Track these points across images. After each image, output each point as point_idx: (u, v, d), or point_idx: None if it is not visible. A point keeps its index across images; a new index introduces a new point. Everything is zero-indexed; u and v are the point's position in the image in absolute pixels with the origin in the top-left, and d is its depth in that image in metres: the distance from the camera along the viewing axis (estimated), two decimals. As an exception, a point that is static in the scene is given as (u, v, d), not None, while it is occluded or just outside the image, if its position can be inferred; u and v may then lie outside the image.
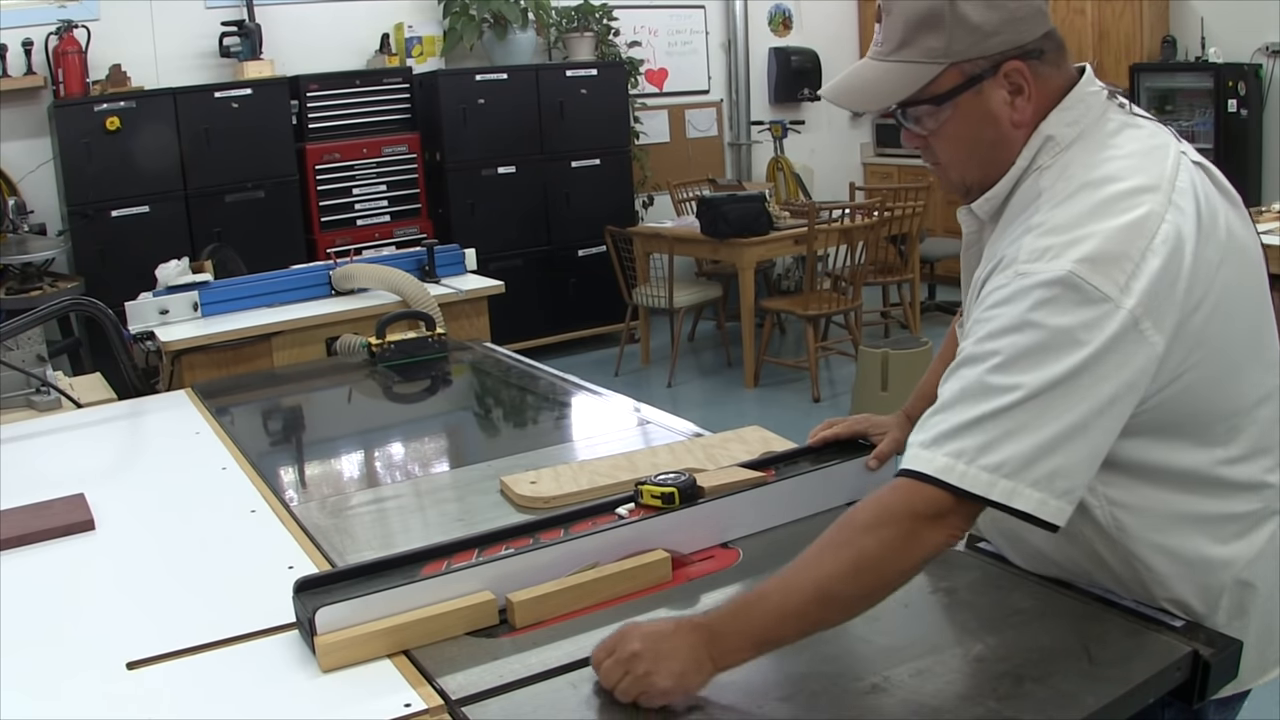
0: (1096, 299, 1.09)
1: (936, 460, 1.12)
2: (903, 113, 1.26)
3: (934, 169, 1.32)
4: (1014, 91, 1.21)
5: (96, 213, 5.42)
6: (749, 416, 4.05)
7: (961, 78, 1.21)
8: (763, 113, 8.14)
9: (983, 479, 1.09)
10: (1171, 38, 6.87)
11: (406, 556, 1.41)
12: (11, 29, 5.45)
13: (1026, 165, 1.24)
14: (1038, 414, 1.09)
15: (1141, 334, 1.11)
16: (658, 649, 1.14)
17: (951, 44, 1.19)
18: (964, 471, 1.10)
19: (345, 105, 6.12)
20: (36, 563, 1.61)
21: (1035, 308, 1.11)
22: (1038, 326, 1.10)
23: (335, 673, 1.24)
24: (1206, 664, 1.18)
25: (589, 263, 6.81)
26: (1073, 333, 1.09)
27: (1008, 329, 1.12)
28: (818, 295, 5.73)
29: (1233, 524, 1.24)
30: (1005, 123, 1.23)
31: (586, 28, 6.94)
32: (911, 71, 1.21)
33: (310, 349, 3.12)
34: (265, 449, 2.31)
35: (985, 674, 1.17)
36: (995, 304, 1.15)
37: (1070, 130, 1.22)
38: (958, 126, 1.24)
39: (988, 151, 1.25)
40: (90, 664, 1.29)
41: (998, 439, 1.09)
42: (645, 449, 1.96)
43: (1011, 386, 1.10)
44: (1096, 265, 1.10)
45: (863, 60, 1.27)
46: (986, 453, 1.10)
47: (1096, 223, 1.12)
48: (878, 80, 1.24)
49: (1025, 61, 1.20)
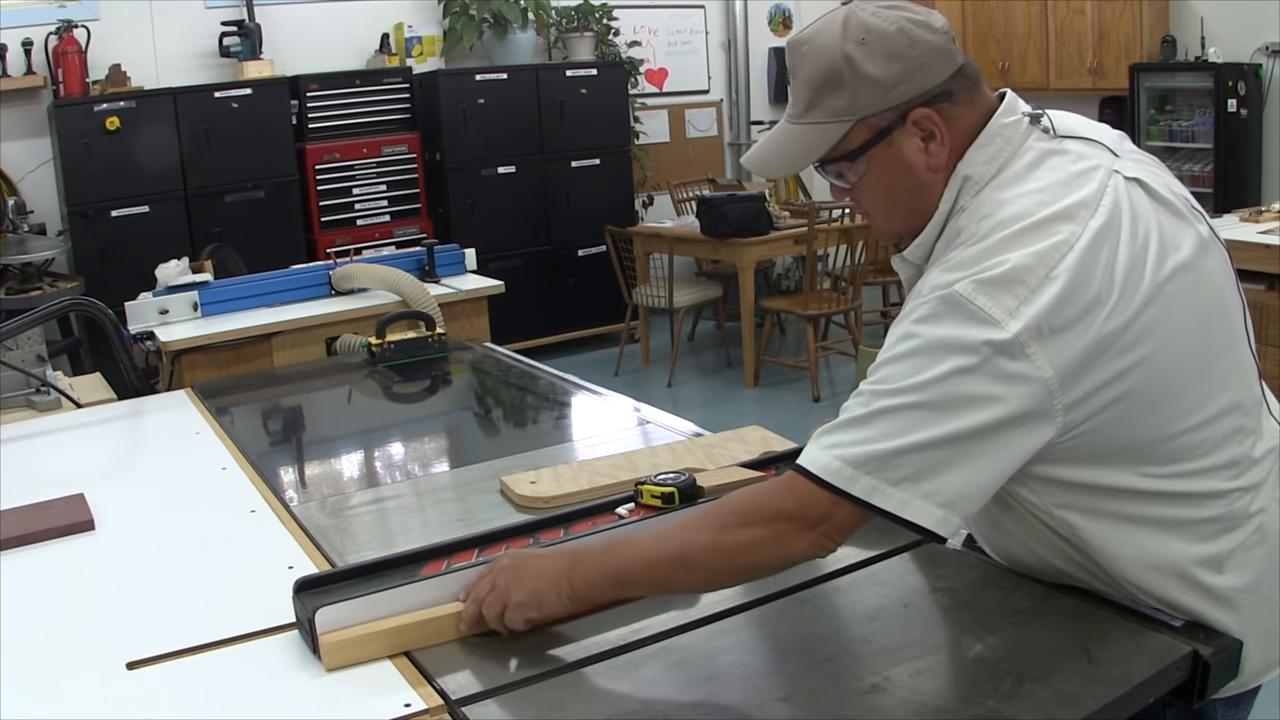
0: (981, 318, 1.09)
1: (826, 461, 1.14)
2: (824, 169, 1.28)
3: (866, 219, 1.34)
4: (926, 138, 1.22)
5: (96, 213, 5.42)
6: (749, 416, 4.05)
7: (870, 132, 1.22)
8: (763, 112, 8.15)
9: (867, 483, 1.12)
10: (1171, 37, 6.86)
11: (406, 556, 1.41)
12: (11, 29, 5.46)
13: (949, 208, 1.24)
14: (923, 427, 1.10)
15: (1028, 358, 1.09)
16: (522, 566, 1.26)
17: (855, 101, 1.20)
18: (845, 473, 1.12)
19: (345, 105, 6.12)
20: (36, 563, 1.61)
21: (917, 321, 1.14)
22: (915, 336, 1.13)
23: (335, 673, 1.24)
24: (1206, 664, 1.18)
25: (589, 263, 6.81)
26: (948, 342, 1.10)
27: (892, 343, 1.16)
28: (818, 295, 5.73)
29: (1203, 526, 1.22)
30: (921, 169, 1.23)
31: (586, 28, 6.94)
32: (821, 132, 1.23)
33: (310, 349, 3.12)
34: (265, 449, 2.30)
35: (985, 674, 1.17)
36: (900, 323, 1.18)
37: (987, 168, 1.22)
38: (876, 179, 1.25)
39: (909, 199, 1.26)
40: (90, 664, 1.29)
41: (890, 451, 1.11)
42: (645, 449, 1.96)
43: (898, 392, 1.12)
44: (987, 288, 1.10)
45: (778, 124, 1.29)
46: (878, 463, 1.11)
47: (1003, 255, 1.12)
48: (791, 143, 1.26)
49: (933, 107, 1.21)
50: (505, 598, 1.24)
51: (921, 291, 1.17)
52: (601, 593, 1.26)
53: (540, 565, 1.26)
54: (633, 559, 1.25)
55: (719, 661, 1.23)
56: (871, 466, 1.12)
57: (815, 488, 1.14)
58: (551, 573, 1.25)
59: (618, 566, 1.25)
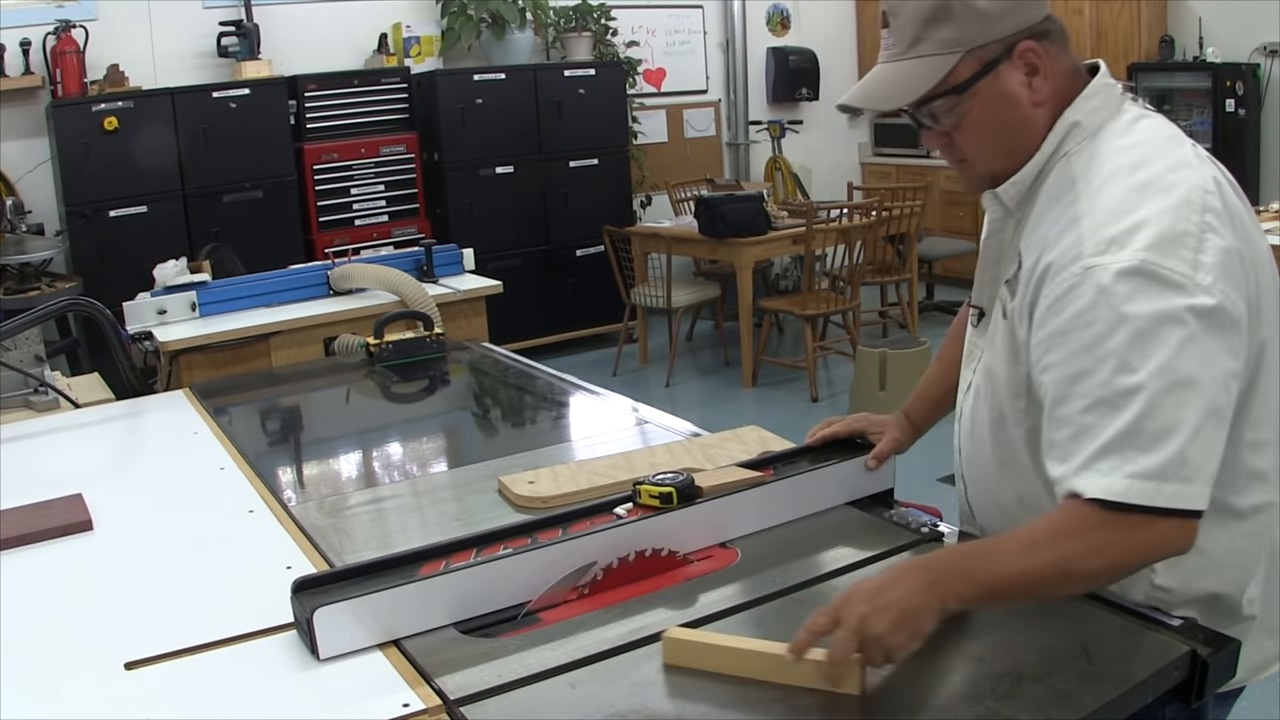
0: (1173, 280, 1.11)
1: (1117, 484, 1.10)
2: (921, 112, 1.27)
3: (958, 167, 1.33)
4: (1029, 72, 1.24)
5: (94, 213, 5.41)
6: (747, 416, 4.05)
7: (978, 65, 1.23)
8: (761, 112, 8.14)
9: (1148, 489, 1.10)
10: (1169, 37, 6.87)
11: (405, 556, 1.41)
12: (9, 29, 5.45)
13: (1052, 150, 1.26)
14: (1175, 407, 1.10)
15: (1226, 302, 1.12)
16: (883, 604, 1.12)
17: (964, 32, 1.21)
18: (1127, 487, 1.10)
19: (343, 105, 6.12)
20: (35, 563, 1.61)
21: (1124, 302, 1.11)
22: (1134, 318, 1.11)
23: (334, 673, 1.24)
24: (1205, 663, 1.18)
25: (587, 262, 6.81)
26: (1169, 314, 1.10)
27: (1108, 331, 1.12)
28: (816, 295, 5.74)
29: (1240, 522, 1.25)
30: (1025, 104, 1.25)
31: (584, 27, 6.94)
32: (929, 65, 1.23)
33: (308, 349, 3.11)
34: (263, 449, 2.30)
35: (985, 674, 1.18)
36: (1078, 311, 1.14)
37: (1094, 118, 1.25)
38: (980, 114, 1.25)
39: (1012, 136, 1.27)
40: (88, 664, 1.29)
41: (1153, 443, 1.09)
42: (643, 449, 1.96)
43: (1138, 386, 1.10)
44: (1163, 248, 1.12)
45: (876, 66, 1.29)
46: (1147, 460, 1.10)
47: (1145, 204, 1.15)
48: (896, 80, 1.26)
49: (1036, 41, 1.23)
50: (886, 646, 1.11)
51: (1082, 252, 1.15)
52: (970, 605, 1.19)
53: (899, 598, 1.13)
54: (1008, 572, 1.16)
55: (718, 661, 1.23)
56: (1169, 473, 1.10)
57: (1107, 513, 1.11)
58: (914, 599, 1.13)
59: (992, 580, 1.17)
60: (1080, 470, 1.13)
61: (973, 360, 1.43)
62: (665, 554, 1.46)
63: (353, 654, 1.27)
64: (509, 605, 1.37)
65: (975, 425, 1.42)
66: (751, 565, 1.46)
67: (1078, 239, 1.17)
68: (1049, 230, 1.22)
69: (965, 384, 1.45)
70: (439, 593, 1.33)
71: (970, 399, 1.43)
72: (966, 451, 1.48)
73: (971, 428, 1.43)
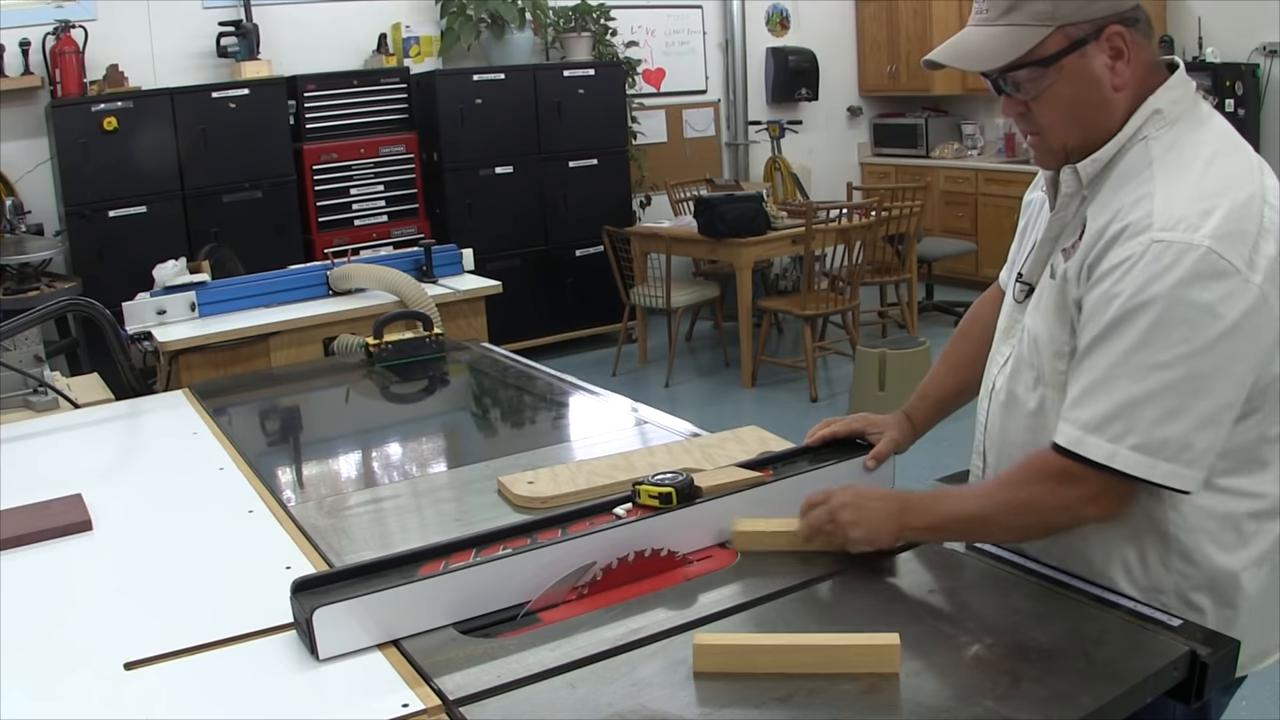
0: (1229, 272, 1.18)
1: (1102, 447, 1.22)
2: (1005, 79, 1.31)
3: (1031, 140, 1.38)
4: (1114, 56, 1.28)
5: (94, 213, 5.41)
6: (746, 416, 4.05)
7: (1067, 41, 1.26)
8: (760, 113, 8.15)
9: (1144, 463, 1.21)
10: (1169, 37, 6.87)
11: (404, 557, 1.41)
12: (9, 29, 5.45)
13: (1133, 133, 1.30)
14: (1189, 394, 1.19)
15: (1269, 306, 1.20)
16: (860, 505, 1.41)
17: (1059, 8, 1.26)
18: (1126, 457, 1.21)
19: (343, 105, 6.12)
20: (34, 563, 1.61)
21: (1179, 285, 1.18)
22: (1182, 302, 1.18)
23: (333, 673, 1.24)
24: (1204, 664, 1.19)
25: (586, 263, 6.81)
26: (1213, 308, 1.17)
27: (1152, 301, 1.19)
28: (815, 295, 5.74)
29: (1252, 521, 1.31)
30: (1107, 86, 1.29)
31: (584, 28, 6.94)
32: (1020, 35, 1.27)
33: (308, 349, 3.12)
34: (263, 449, 2.30)
35: (983, 674, 1.18)
36: (1133, 278, 1.21)
37: (1176, 108, 1.29)
38: (1062, 89, 1.29)
39: (1090, 114, 1.30)
40: (88, 664, 1.29)
41: (1156, 421, 1.20)
42: (643, 449, 1.96)
43: (1162, 365, 1.19)
44: (1227, 240, 1.18)
45: (965, 28, 1.34)
46: (1148, 434, 1.20)
47: (1218, 197, 1.21)
48: (986, 43, 1.30)
49: (1125, 27, 1.27)
50: (844, 533, 1.41)
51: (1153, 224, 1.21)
52: (922, 537, 1.44)
53: (875, 508, 1.40)
54: (951, 513, 1.39)
55: (717, 661, 1.23)
56: (1169, 452, 1.20)
57: (1086, 469, 1.24)
58: (884, 515, 1.40)
59: (939, 520, 1.39)
60: (1088, 430, 1.24)
61: (1012, 335, 1.47)
62: (665, 554, 1.46)
63: (352, 654, 1.27)
64: (508, 605, 1.37)
65: (1011, 395, 1.45)
66: (751, 565, 1.47)
67: (1149, 213, 1.22)
68: (1122, 202, 1.26)
69: (1002, 359, 1.49)
70: (438, 593, 1.33)
71: (1008, 371, 1.47)
72: (996, 425, 1.50)
73: (1006, 399, 1.47)
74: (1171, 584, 1.32)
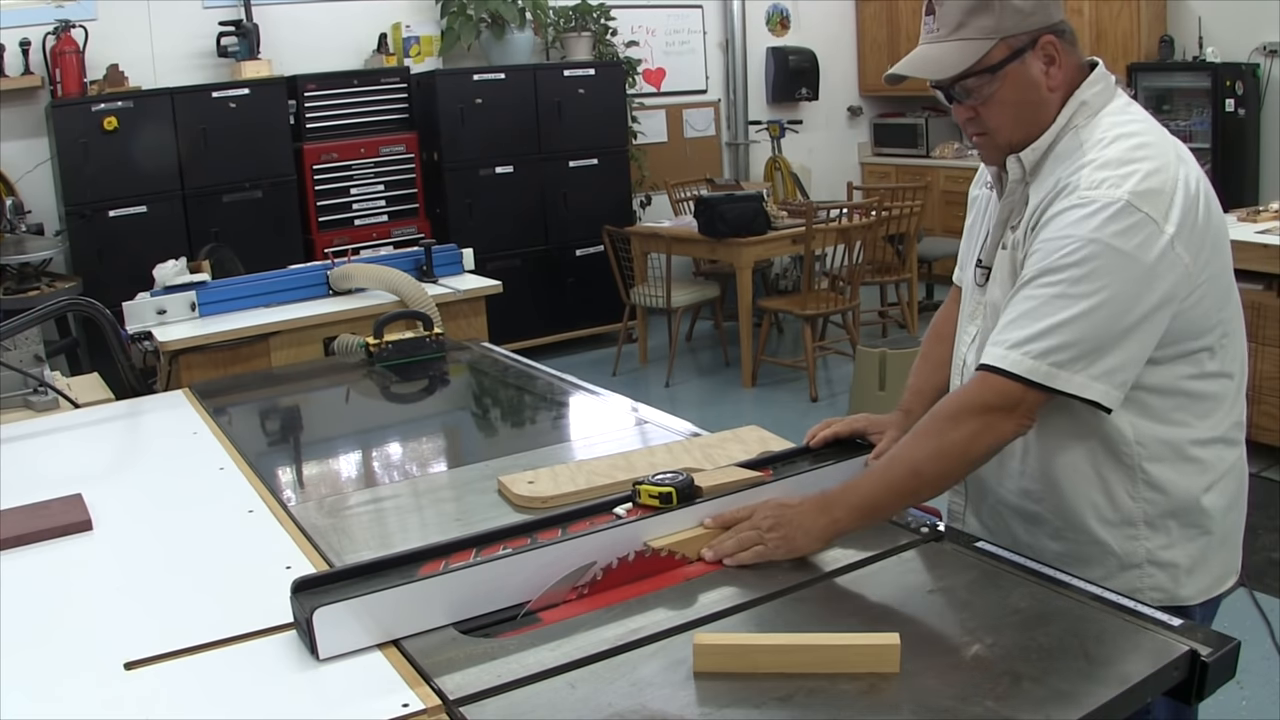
0: (1146, 224, 1.36)
1: (1015, 359, 1.38)
2: (956, 87, 1.48)
3: (977, 140, 1.55)
4: (1048, 62, 1.46)
5: (94, 213, 5.42)
6: (747, 416, 4.06)
7: (1009, 50, 1.45)
8: (760, 112, 8.15)
9: (1059, 375, 1.37)
10: (1169, 37, 6.87)
11: (404, 556, 1.41)
12: (9, 29, 5.45)
13: (1064, 124, 1.48)
14: (1105, 320, 1.36)
15: (1176, 254, 1.38)
16: (785, 521, 1.45)
17: (1001, 22, 1.44)
18: (1040, 368, 1.37)
19: (343, 105, 6.12)
20: (34, 563, 1.61)
21: (1101, 227, 1.36)
22: (1104, 245, 1.36)
23: (333, 673, 1.24)
24: (1204, 664, 1.19)
25: (587, 262, 6.81)
26: (1132, 253, 1.36)
27: (1079, 246, 1.37)
28: (815, 295, 5.74)
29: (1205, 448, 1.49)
30: (1043, 88, 1.47)
31: (584, 27, 6.94)
32: (969, 48, 1.45)
33: (308, 349, 3.11)
34: (263, 449, 2.30)
35: (983, 673, 1.18)
36: (1064, 226, 1.39)
37: (1098, 99, 1.49)
38: (1006, 93, 1.47)
39: (1030, 113, 1.49)
40: (88, 664, 1.29)
41: (1070, 341, 1.36)
42: (643, 449, 1.96)
43: (1082, 295, 1.36)
44: (1144, 196, 1.36)
45: (919, 46, 1.51)
46: (1061, 352, 1.37)
47: (1136, 163, 1.39)
48: (941, 56, 1.48)
49: (1056, 36, 1.46)
50: (768, 555, 1.44)
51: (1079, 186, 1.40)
52: (858, 527, 1.46)
53: (801, 523, 1.44)
54: (875, 489, 1.46)
55: (717, 661, 1.23)
56: (1080, 365, 1.37)
57: (1011, 383, 1.39)
58: (809, 519, 1.44)
59: (865, 501, 1.45)
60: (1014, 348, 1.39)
61: (976, 316, 1.62)
62: (665, 554, 1.46)
63: (352, 654, 1.27)
64: (508, 605, 1.37)
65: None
66: (751, 565, 1.46)
67: (1079, 178, 1.41)
68: (1060, 177, 1.45)
69: (969, 337, 1.63)
70: (438, 593, 1.33)
71: (976, 346, 1.58)
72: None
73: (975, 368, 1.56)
74: (1140, 513, 1.49)
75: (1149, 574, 1.50)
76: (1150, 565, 1.50)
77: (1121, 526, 1.50)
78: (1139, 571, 1.50)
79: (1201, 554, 1.51)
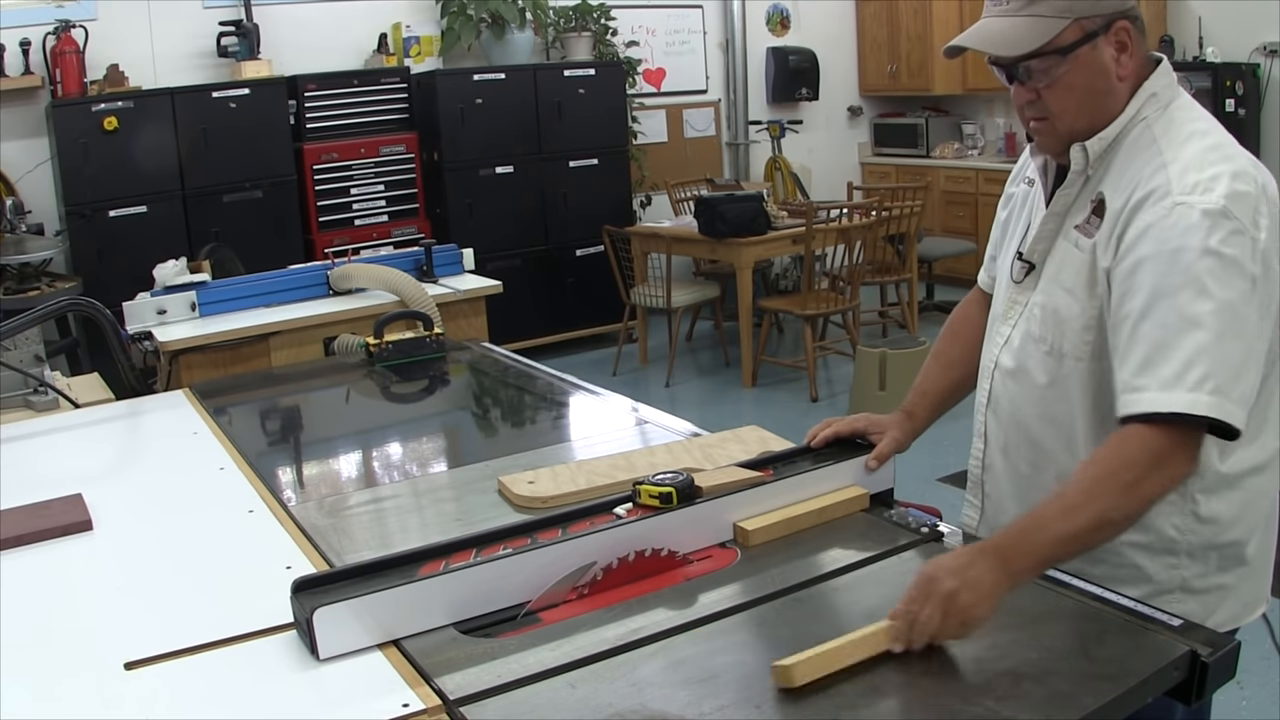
0: (1243, 230, 1.29)
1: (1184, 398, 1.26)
2: (1019, 67, 1.40)
3: (1036, 125, 1.46)
4: (1120, 49, 1.39)
5: (94, 213, 5.41)
6: (747, 416, 4.06)
7: (1082, 32, 1.37)
8: (760, 112, 8.14)
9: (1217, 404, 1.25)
10: (1169, 37, 6.87)
11: (404, 556, 1.41)
12: (9, 29, 5.45)
13: (1134, 114, 1.41)
14: (1234, 337, 1.27)
15: (1269, 266, 1.31)
16: (967, 579, 1.22)
17: (1076, 2, 1.36)
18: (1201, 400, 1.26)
19: (343, 105, 6.12)
20: (34, 563, 1.61)
21: (1208, 236, 1.28)
22: (1217, 255, 1.27)
23: (333, 673, 1.24)
24: (1205, 664, 1.18)
25: (587, 262, 6.81)
26: (1237, 260, 1.28)
27: (1187, 260, 1.28)
28: (815, 295, 5.74)
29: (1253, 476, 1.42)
30: (1113, 75, 1.40)
31: (584, 27, 6.94)
32: (1041, 25, 1.37)
33: (308, 349, 3.11)
34: (263, 449, 2.30)
35: (984, 673, 1.18)
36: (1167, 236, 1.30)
37: (1168, 92, 1.43)
38: (1075, 77, 1.39)
39: (1097, 101, 1.41)
40: (88, 664, 1.29)
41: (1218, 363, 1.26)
42: (643, 449, 1.96)
43: (1207, 314, 1.26)
44: (1236, 200, 1.30)
45: (984, 19, 1.42)
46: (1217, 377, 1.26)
47: (1220, 164, 1.33)
48: (1009, 31, 1.39)
49: (1129, 22, 1.39)
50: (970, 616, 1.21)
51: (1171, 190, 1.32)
52: (1034, 576, 1.32)
53: (980, 573, 1.23)
54: (1059, 539, 1.28)
55: (717, 661, 1.24)
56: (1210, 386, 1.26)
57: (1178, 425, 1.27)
58: (991, 575, 1.23)
59: (1048, 553, 1.28)
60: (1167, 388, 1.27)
61: (1012, 315, 1.54)
62: (665, 554, 1.46)
63: (352, 654, 1.27)
64: (509, 605, 1.37)
65: (1021, 370, 1.52)
66: (751, 565, 1.47)
67: (1167, 180, 1.33)
68: (1137, 174, 1.37)
69: (1002, 338, 1.55)
70: (439, 593, 1.33)
71: (1014, 347, 1.53)
72: (1003, 402, 1.56)
73: (1015, 375, 1.53)
74: (1185, 545, 1.42)
75: (1179, 600, 1.44)
76: (1182, 592, 1.45)
77: (1163, 556, 1.44)
78: (1170, 597, 1.44)
79: (1235, 583, 1.46)
